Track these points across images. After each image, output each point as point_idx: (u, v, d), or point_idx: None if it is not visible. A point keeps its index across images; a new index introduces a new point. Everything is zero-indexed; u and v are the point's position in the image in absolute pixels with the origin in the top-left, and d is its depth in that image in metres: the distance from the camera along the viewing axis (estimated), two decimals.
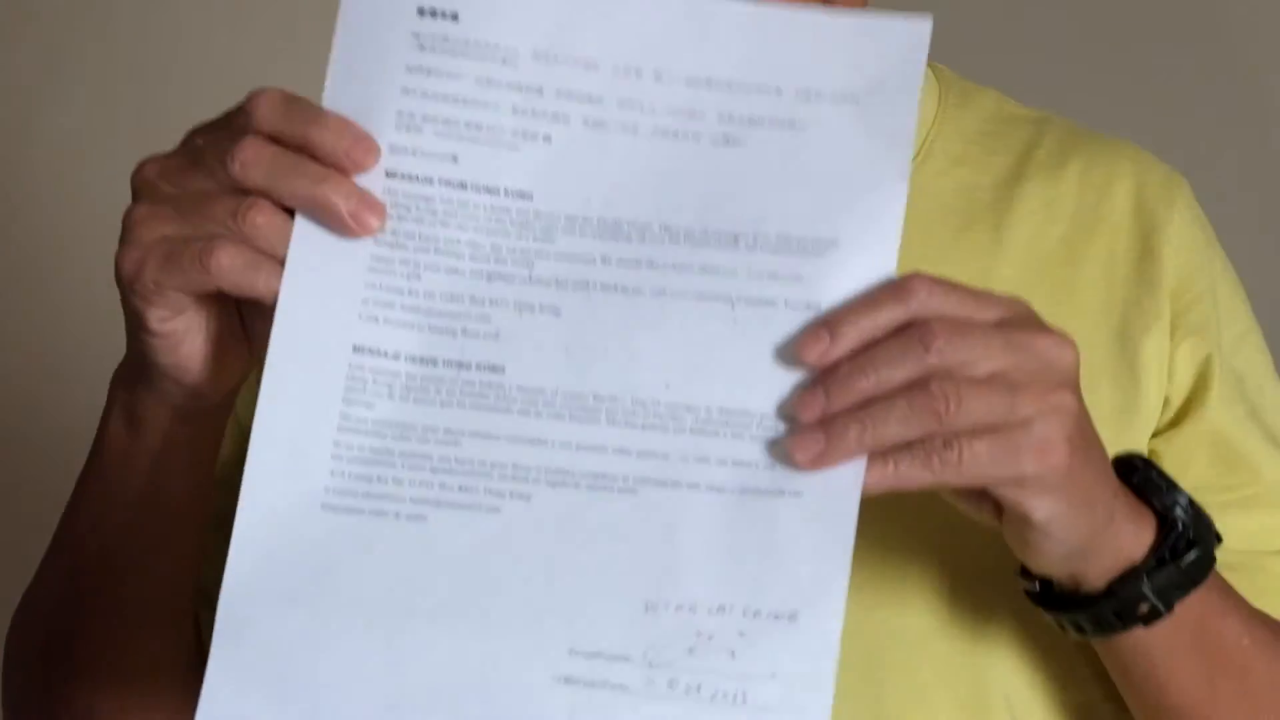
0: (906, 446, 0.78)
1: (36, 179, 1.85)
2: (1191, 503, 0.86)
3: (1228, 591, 0.89)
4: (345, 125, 0.81)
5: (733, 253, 0.81)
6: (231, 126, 0.81)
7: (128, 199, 0.84)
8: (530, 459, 0.81)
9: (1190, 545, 0.85)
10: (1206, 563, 0.86)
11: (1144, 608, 0.84)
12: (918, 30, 0.82)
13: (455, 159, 0.82)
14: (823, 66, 0.82)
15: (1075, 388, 0.80)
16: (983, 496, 0.82)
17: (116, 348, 0.88)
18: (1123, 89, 1.83)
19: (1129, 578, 0.84)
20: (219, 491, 0.91)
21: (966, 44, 1.86)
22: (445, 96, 0.83)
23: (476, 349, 0.82)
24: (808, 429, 0.78)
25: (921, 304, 0.78)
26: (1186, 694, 0.88)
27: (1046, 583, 0.86)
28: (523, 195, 0.82)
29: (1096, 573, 0.84)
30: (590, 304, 0.82)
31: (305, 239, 0.82)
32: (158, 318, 0.83)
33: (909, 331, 0.78)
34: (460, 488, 0.82)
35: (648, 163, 0.82)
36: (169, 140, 0.83)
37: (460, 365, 0.82)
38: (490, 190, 0.82)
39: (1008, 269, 0.96)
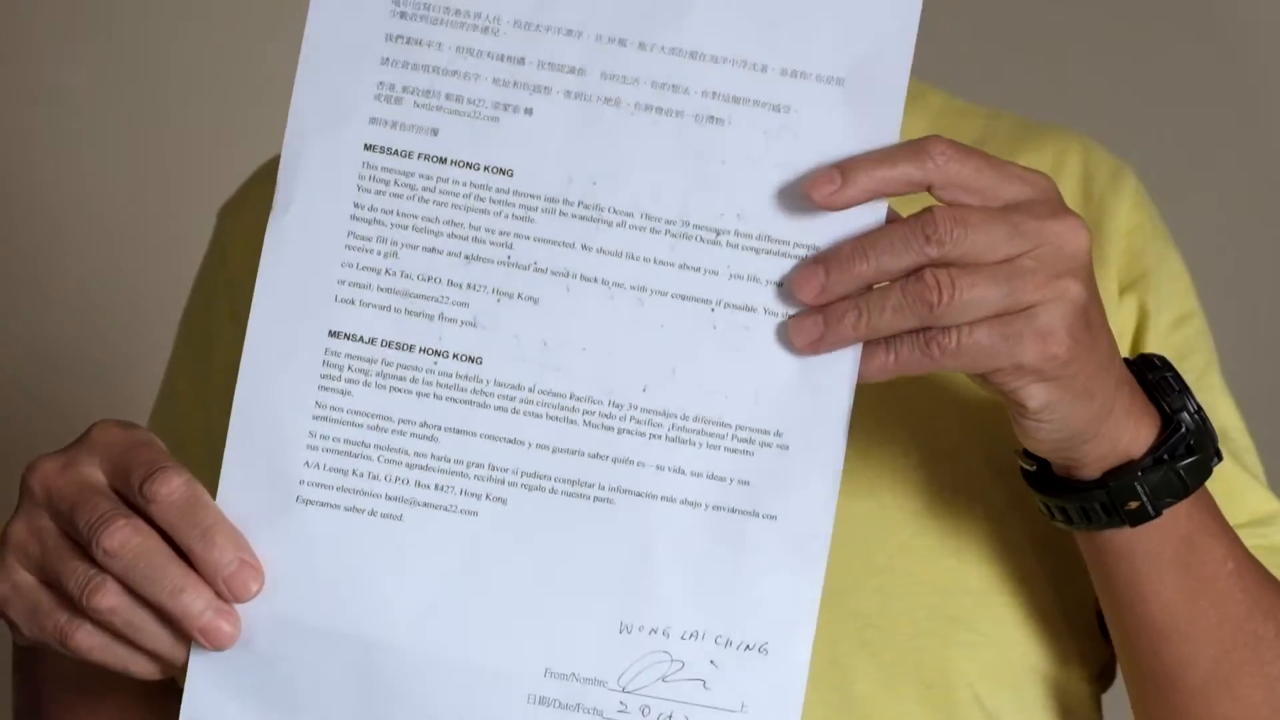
0: (908, 332, 0.78)
1: (36, 179, 1.85)
2: (1200, 411, 0.85)
3: (1217, 513, 0.88)
4: (233, 548, 0.80)
5: (714, 250, 0.80)
6: (129, 476, 0.81)
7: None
8: (507, 460, 0.80)
9: (1190, 452, 0.84)
10: (1203, 472, 0.85)
11: (1133, 505, 0.83)
12: (907, 7, 0.80)
13: (435, 132, 0.81)
14: (809, 44, 0.80)
15: (1084, 275, 0.79)
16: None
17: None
18: (1122, 89, 1.83)
19: (1123, 471, 0.83)
20: None
21: (964, 43, 1.86)
22: (426, 67, 0.81)
23: (454, 336, 0.81)
24: (806, 313, 0.79)
25: (938, 167, 0.78)
26: (1168, 612, 0.87)
27: (1044, 466, 0.86)
28: (503, 172, 0.81)
29: (1091, 462, 0.83)
30: (570, 295, 0.81)
31: (281, 217, 0.81)
32: (27, 641, 0.84)
33: (912, 221, 0.77)
34: (437, 486, 0.81)
35: (630, 139, 0.81)
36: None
37: (438, 354, 0.81)
38: (470, 165, 0.81)
39: None
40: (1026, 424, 0.81)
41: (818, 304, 0.79)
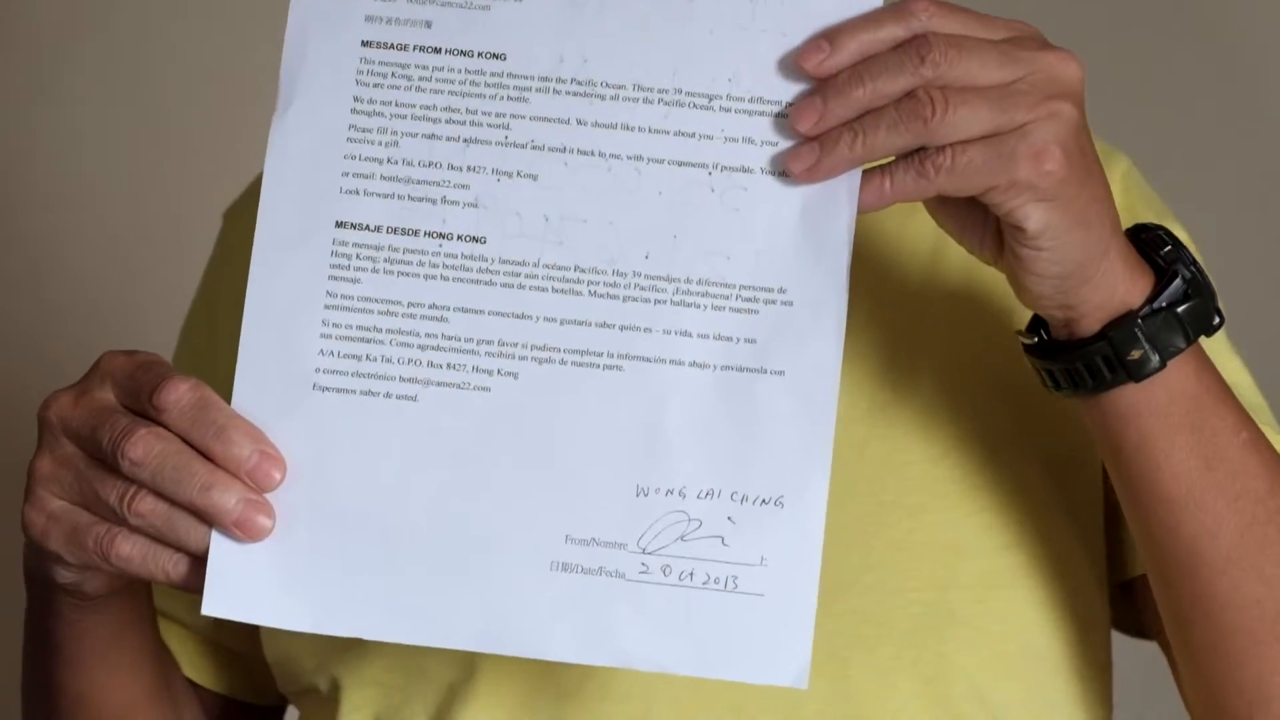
0: (904, 159, 0.79)
1: (36, 179, 1.85)
2: (1196, 264, 0.85)
3: (1225, 384, 0.88)
4: (249, 441, 0.82)
5: (708, 115, 0.82)
6: (139, 394, 0.82)
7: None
8: (516, 334, 0.82)
9: (1189, 298, 0.84)
10: (1204, 319, 0.85)
11: (1135, 354, 0.84)
12: None
13: (429, 25, 0.83)
14: None
15: (1076, 100, 0.81)
16: (984, 230, 0.83)
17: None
18: (1122, 89, 1.83)
19: (1123, 321, 0.83)
20: None
21: None
22: None
23: (457, 218, 0.82)
24: (803, 142, 0.80)
25: (923, 24, 0.79)
26: (1181, 481, 0.86)
27: (1044, 340, 0.86)
28: (496, 56, 0.83)
29: (1090, 311, 0.84)
30: (568, 169, 0.82)
31: (283, 116, 0.83)
32: (71, 570, 0.86)
33: (907, 44, 0.79)
34: (449, 365, 0.82)
35: (618, 15, 0.83)
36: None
37: (442, 236, 0.83)
38: (464, 53, 0.83)
39: (955, 258, 0.96)
40: (1025, 254, 0.81)
41: (816, 133, 0.80)
